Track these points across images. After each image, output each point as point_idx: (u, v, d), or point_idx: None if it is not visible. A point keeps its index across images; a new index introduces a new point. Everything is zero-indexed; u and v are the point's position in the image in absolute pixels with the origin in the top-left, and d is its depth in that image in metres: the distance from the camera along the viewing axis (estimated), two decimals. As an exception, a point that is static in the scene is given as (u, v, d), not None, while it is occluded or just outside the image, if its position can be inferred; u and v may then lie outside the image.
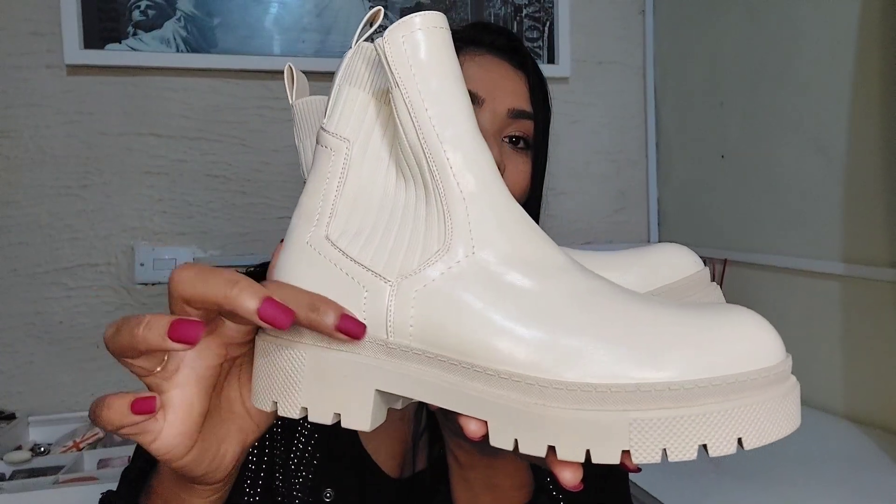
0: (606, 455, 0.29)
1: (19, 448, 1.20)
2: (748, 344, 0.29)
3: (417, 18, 0.33)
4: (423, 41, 0.33)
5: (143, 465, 0.55)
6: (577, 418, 0.29)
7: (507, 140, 0.62)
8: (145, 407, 0.33)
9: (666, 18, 1.63)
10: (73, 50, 1.31)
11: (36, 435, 1.29)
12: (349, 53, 0.36)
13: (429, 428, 0.61)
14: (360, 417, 0.33)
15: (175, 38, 1.36)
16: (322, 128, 0.36)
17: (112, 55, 1.33)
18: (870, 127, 1.09)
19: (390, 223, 0.34)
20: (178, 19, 1.36)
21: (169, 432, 0.35)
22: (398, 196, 0.35)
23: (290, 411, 0.34)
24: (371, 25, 0.35)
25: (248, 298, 0.31)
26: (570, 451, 0.29)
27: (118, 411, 0.33)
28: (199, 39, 1.38)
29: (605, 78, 1.66)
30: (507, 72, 0.64)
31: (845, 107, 1.13)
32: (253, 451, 0.59)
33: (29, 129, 1.32)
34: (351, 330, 0.32)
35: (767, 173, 1.31)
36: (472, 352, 0.31)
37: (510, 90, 0.62)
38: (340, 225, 0.35)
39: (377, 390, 0.33)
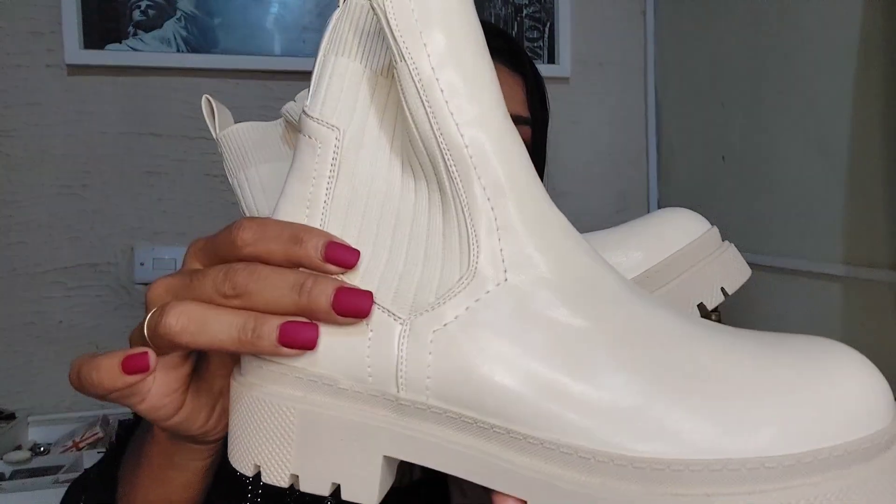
0: None
1: (19, 448, 1.20)
2: (857, 399, 0.23)
3: None
4: None
5: (119, 440, 0.52)
6: None
7: None
8: (138, 364, 0.28)
9: (667, 19, 1.63)
10: (74, 50, 1.30)
11: (36, 435, 1.29)
12: (336, 14, 0.28)
13: None
14: (365, 489, 0.27)
15: (175, 38, 1.36)
16: (304, 112, 0.28)
17: (112, 55, 1.33)
18: (872, 128, 1.08)
19: (397, 237, 0.27)
20: (179, 19, 1.36)
21: (157, 392, 0.31)
22: (406, 199, 0.27)
23: (277, 479, 0.28)
24: None
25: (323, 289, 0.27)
26: None
27: (109, 373, 0.28)
28: (199, 39, 1.37)
29: (606, 78, 1.65)
30: (503, 76, 0.62)
31: (847, 108, 1.13)
32: None
33: (29, 128, 1.32)
34: (340, 258, 0.26)
35: (769, 175, 1.31)
36: (507, 413, 0.24)
37: (506, 95, 0.61)
38: None
39: (385, 456, 0.27)
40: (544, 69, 1.58)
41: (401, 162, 0.28)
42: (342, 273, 0.27)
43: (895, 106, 1.04)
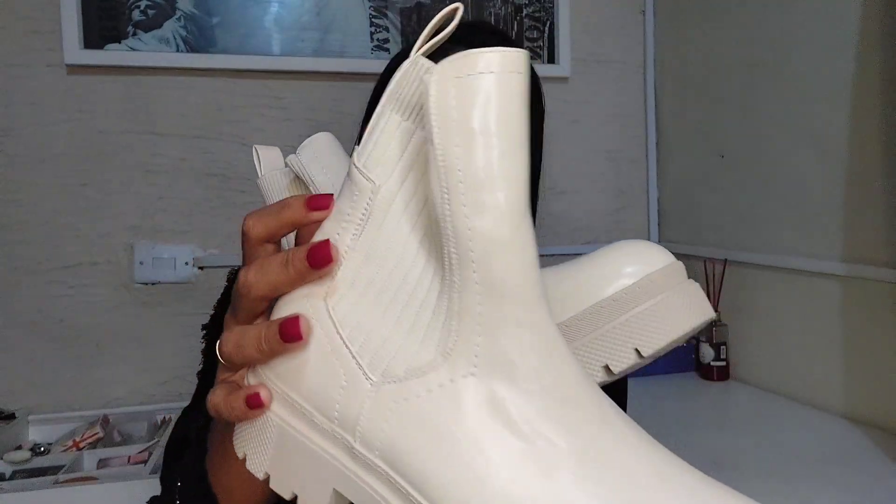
0: None
1: (19, 448, 1.20)
2: None
3: (484, 58, 0.25)
4: (481, 93, 0.25)
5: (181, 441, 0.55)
6: None
7: None
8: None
9: (666, 17, 1.63)
10: (73, 50, 1.31)
11: (36, 434, 1.29)
12: (405, 66, 0.28)
13: None
14: None
15: (175, 38, 1.36)
16: (352, 155, 0.30)
17: (112, 55, 1.33)
18: (870, 126, 1.09)
19: (397, 301, 0.28)
20: (178, 19, 1.36)
21: None
22: (416, 266, 0.28)
23: (256, 470, 0.32)
24: (443, 29, 0.28)
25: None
26: None
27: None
28: (198, 39, 1.38)
29: (605, 77, 1.66)
30: None
31: (845, 105, 1.13)
32: None
33: (29, 127, 1.32)
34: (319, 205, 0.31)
35: (767, 172, 1.31)
36: (437, 500, 0.25)
37: None
38: (343, 289, 0.30)
39: (335, 490, 0.30)
40: (544, 69, 1.59)
41: (424, 229, 0.28)
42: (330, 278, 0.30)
43: (893, 103, 1.04)
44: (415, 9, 1.49)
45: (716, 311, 1.42)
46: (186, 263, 1.39)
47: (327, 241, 0.29)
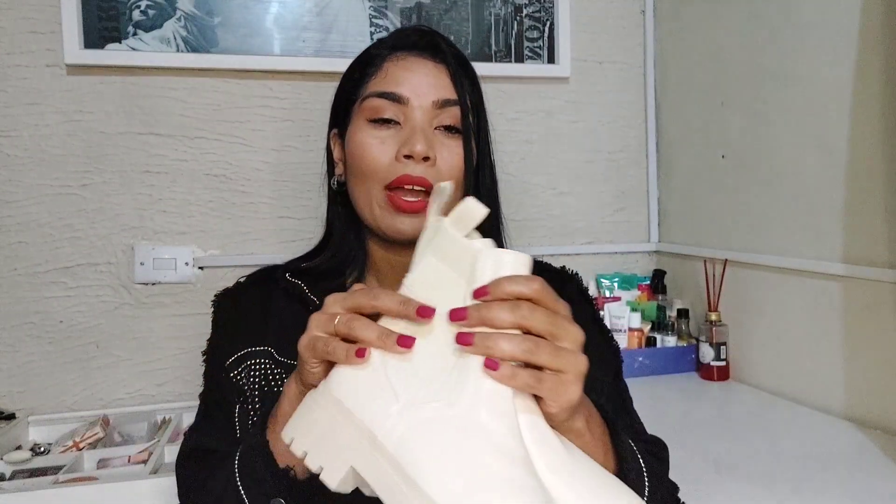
0: None
1: (19, 448, 1.20)
2: None
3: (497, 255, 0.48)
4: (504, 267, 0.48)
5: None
6: None
7: (441, 129, 0.71)
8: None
9: (666, 17, 1.63)
10: (73, 50, 1.30)
11: (36, 435, 1.29)
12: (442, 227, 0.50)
13: None
14: (332, 478, 0.45)
15: (175, 38, 1.36)
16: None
17: (112, 55, 1.33)
18: (871, 127, 1.09)
19: (422, 364, 0.47)
20: (179, 19, 1.36)
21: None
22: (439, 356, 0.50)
23: (297, 450, 0.47)
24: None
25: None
26: None
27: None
28: (199, 39, 1.38)
29: (606, 77, 1.66)
30: (428, 68, 0.72)
31: (846, 106, 1.13)
32: None
33: (29, 128, 1.32)
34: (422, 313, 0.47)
35: (768, 173, 1.31)
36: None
37: (432, 84, 0.71)
38: None
39: (352, 467, 0.44)
40: (544, 69, 1.59)
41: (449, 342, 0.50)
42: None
43: (893, 104, 1.04)
44: (415, 9, 1.49)
45: (716, 310, 1.42)
46: (186, 264, 1.39)
47: (433, 309, 0.46)
